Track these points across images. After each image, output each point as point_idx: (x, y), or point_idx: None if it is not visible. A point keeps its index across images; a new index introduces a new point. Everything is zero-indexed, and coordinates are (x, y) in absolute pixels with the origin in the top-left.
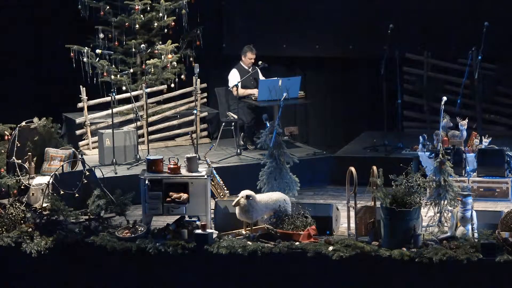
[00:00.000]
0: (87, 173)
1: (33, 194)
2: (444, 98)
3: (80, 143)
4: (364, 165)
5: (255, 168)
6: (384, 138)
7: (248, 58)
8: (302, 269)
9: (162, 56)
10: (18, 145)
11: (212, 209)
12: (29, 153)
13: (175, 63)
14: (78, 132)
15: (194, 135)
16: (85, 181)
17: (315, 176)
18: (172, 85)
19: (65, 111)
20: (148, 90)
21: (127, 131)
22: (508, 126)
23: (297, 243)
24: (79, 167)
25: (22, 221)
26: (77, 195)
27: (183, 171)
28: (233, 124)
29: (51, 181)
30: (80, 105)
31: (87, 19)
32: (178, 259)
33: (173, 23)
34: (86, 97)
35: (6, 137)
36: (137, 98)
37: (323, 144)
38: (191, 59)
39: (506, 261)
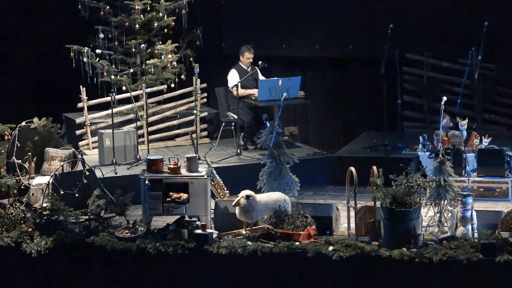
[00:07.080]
0: (87, 173)
1: (33, 194)
2: (444, 98)
3: (80, 143)
4: (364, 165)
5: (255, 168)
6: (384, 138)
7: (246, 57)
8: (302, 269)
9: (162, 56)
10: (18, 145)
11: (212, 209)
12: (29, 153)
13: (175, 63)
14: (78, 132)
15: (194, 135)
16: (85, 181)
17: (315, 176)
18: (172, 85)
19: (65, 111)
20: (148, 90)
21: (127, 131)
22: (508, 126)
23: (297, 243)
24: (79, 167)
25: (22, 221)
26: (77, 195)
27: (183, 171)
28: (233, 124)
29: (51, 181)
30: (80, 105)
31: (87, 19)
32: (178, 259)
33: (173, 23)
34: (86, 97)
35: (6, 137)
36: (137, 98)
37: (323, 144)
38: (191, 59)
39: (506, 261)
